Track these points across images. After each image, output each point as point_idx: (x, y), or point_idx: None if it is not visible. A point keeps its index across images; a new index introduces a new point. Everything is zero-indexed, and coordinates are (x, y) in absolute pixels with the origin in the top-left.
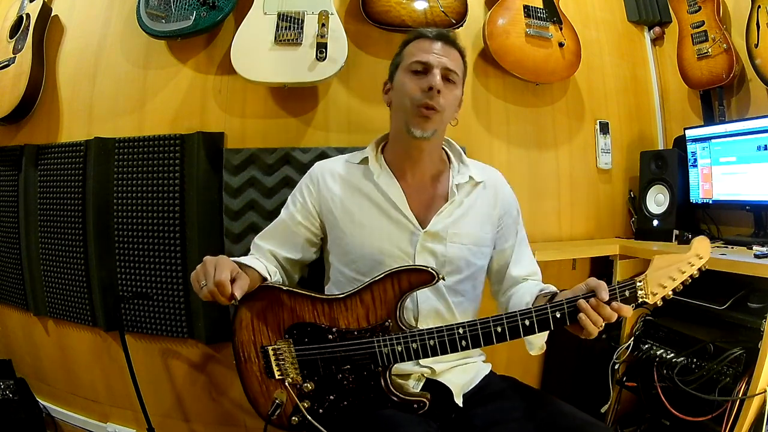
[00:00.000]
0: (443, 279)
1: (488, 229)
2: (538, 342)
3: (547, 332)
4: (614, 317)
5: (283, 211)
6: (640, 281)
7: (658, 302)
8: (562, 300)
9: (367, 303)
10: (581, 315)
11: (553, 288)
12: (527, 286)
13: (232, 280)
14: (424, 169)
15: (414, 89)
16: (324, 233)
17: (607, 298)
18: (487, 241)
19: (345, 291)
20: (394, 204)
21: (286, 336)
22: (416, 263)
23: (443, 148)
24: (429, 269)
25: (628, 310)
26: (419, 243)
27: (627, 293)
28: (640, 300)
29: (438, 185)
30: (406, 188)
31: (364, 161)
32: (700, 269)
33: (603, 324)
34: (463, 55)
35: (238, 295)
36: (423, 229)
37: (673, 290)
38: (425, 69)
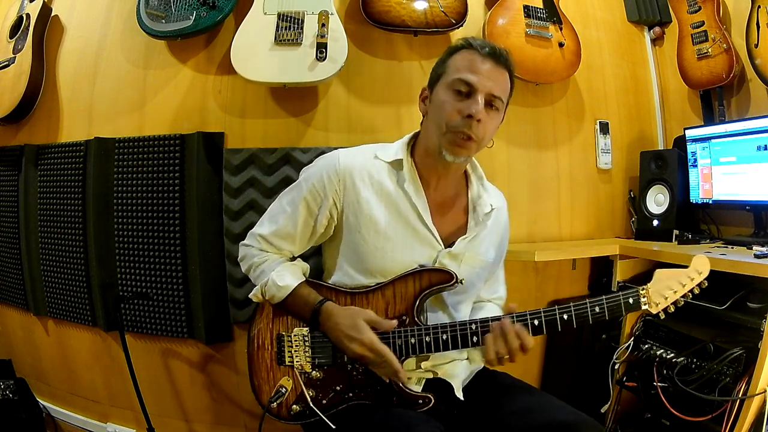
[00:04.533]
0: (461, 282)
1: (493, 254)
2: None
3: None
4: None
5: (299, 205)
6: (642, 290)
7: (661, 314)
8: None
9: (387, 297)
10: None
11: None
12: (490, 308)
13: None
14: (447, 184)
15: (453, 113)
16: (333, 230)
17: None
18: (491, 266)
19: (366, 286)
20: (420, 217)
21: (303, 324)
22: None
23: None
24: (449, 271)
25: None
26: (437, 260)
27: (631, 300)
28: (644, 308)
29: (457, 202)
30: (429, 200)
31: (396, 164)
32: (699, 285)
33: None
34: (512, 75)
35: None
36: (445, 248)
37: (674, 303)
38: (468, 91)
